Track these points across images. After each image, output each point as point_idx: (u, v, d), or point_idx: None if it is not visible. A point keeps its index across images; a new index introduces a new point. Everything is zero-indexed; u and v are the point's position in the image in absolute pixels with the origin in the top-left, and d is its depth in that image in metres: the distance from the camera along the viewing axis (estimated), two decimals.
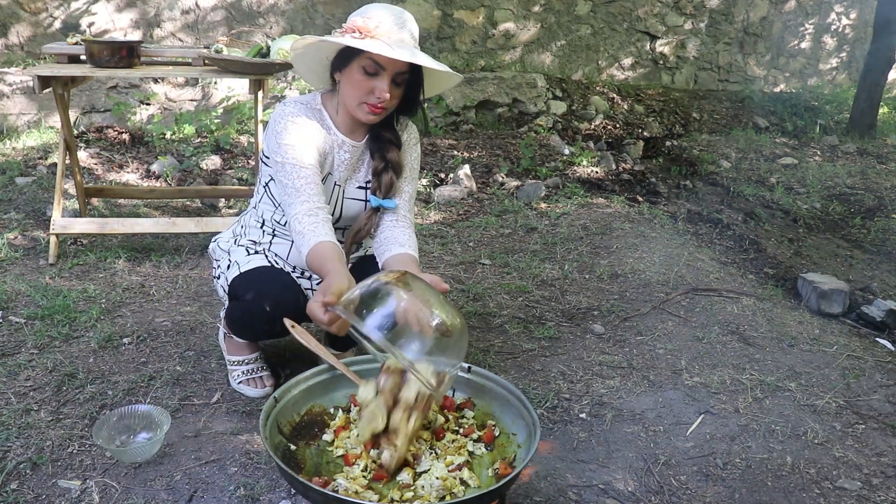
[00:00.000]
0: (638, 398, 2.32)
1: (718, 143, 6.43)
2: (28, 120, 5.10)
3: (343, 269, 1.77)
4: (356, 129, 2.08)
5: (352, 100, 1.95)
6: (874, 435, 2.20)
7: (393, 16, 1.89)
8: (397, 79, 1.92)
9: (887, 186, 5.55)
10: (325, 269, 1.78)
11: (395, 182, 2.10)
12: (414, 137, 2.19)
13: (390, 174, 2.08)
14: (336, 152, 2.07)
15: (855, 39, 8.64)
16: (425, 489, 1.58)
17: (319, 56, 2.01)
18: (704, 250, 3.84)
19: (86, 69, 3.07)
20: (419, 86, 2.01)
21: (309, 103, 2.05)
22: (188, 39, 5.88)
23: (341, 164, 2.08)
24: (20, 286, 2.88)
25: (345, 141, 2.07)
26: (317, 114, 2.04)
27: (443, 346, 1.59)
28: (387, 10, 1.90)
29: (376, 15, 1.88)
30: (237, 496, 1.78)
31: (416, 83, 2.00)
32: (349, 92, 1.95)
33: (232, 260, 2.13)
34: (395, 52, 1.82)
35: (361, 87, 1.92)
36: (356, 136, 2.09)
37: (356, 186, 2.13)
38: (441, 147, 5.47)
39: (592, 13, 7.37)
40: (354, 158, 2.10)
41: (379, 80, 1.90)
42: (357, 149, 2.10)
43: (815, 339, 2.84)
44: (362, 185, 2.14)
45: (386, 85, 1.90)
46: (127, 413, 1.97)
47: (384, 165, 2.08)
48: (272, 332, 2.07)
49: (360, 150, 2.11)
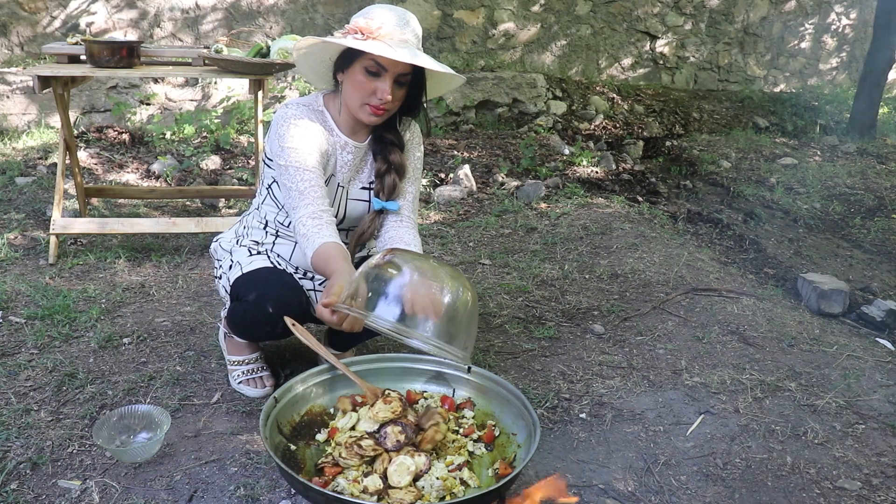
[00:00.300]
0: (638, 398, 2.32)
1: (718, 143, 6.43)
2: (28, 120, 5.10)
3: (347, 268, 1.77)
4: (358, 130, 2.08)
5: (354, 101, 1.95)
6: (874, 435, 2.19)
7: (396, 17, 1.89)
8: (399, 80, 1.92)
9: (887, 186, 5.55)
10: (330, 269, 1.79)
11: (398, 184, 2.11)
12: (417, 138, 2.19)
13: (393, 176, 2.09)
14: (339, 154, 2.07)
15: (855, 39, 8.64)
16: (425, 489, 1.58)
17: (322, 57, 2.01)
18: (704, 250, 3.84)
19: (86, 69, 3.07)
20: (422, 87, 2.01)
21: (311, 104, 2.05)
22: (188, 39, 5.88)
23: (344, 166, 2.08)
24: (20, 286, 2.89)
25: (347, 142, 2.07)
26: (319, 115, 2.04)
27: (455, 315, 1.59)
28: (390, 11, 1.91)
29: (379, 16, 1.88)
30: (237, 496, 1.78)
31: (419, 84, 2.00)
32: (351, 93, 1.95)
33: (234, 260, 2.13)
34: (397, 54, 1.82)
35: (363, 88, 1.92)
36: (358, 137, 2.09)
37: (359, 187, 2.13)
38: (441, 147, 5.48)
39: (592, 13, 7.37)
40: (357, 159, 2.10)
41: (381, 82, 1.90)
42: (360, 150, 2.10)
43: (815, 339, 2.84)
44: (366, 185, 2.14)
45: (388, 86, 1.90)
46: (127, 413, 1.97)
47: (387, 167, 2.08)
48: (273, 333, 2.07)
49: (363, 150, 2.11)
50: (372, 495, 1.56)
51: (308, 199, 1.92)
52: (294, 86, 5.75)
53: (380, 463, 1.64)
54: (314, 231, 1.87)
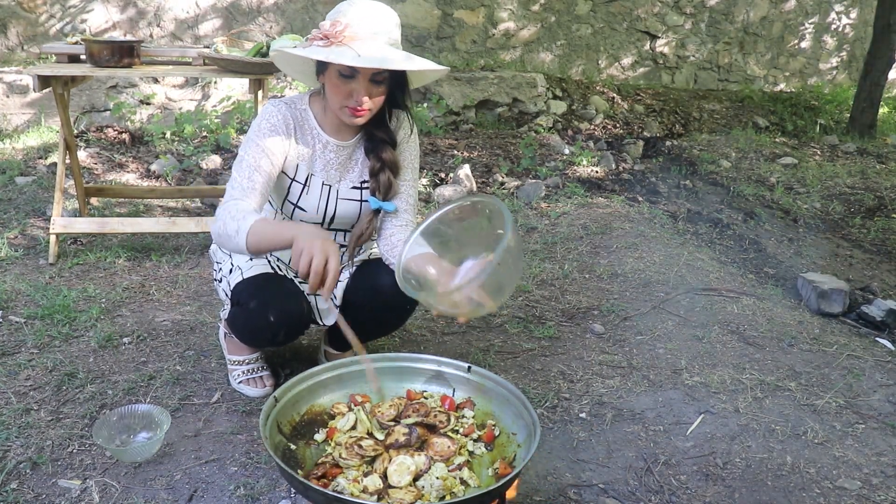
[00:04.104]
0: (638, 398, 2.32)
1: (718, 143, 6.43)
2: (28, 119, 5.10)
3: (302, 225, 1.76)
4: (342, 129, 2.04)
5: (334, 103, 1.91)
6: (874, 435, 2.20)
7: (363, 12, 1.82)
8: (376, 77, 1.86)
9: (887, 186, 5.54)
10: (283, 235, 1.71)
11: (393, 182, 2.06)
12: (410, 131, 2.13)
13: (388, 174, 2.04)
14: (320, 152, 2.04)
15: (855, 39, 8.64)
16: (425, 489, 1.58)
17: (300, 61, 1.98)
18: (704, 250, 3.84)
19: (86, 69, 3.07)
20: (404, 79, 1.96)
21: (294, 104, 2.02)
22: (188, 39, 5.88)
23: (328, 164, 2.05)
24: (20, 286, 2.89)
25: (329, 141, 2.03)
26: (301, 114, 2.01)
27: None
28: (360, 7, 1.83)
29: (347, 14, 1.82)
30: (237, 496, 1.78)
31: (401, 77, 1.94)
32: (331, 96, 1.91)
33: (234, 264, 2.11)
34: (360, 60, 1.75)
35: (340, 90, 1.87)
36: (343, 136, 2.05)
37: (350, 186, 2.09)
38: (441, 147, 5.48)
39: (592, 13, 7.37)
40: (343, 158, 2.07)
41: (356, 83, 1.85)
42: (344, 148, 2.06)
43: (815, 338, 2.84)
44: (357, 185, 2.10)
45: (363, 88, 1.85)
46: (127, 413, 1.97)
47: (380, 165, 2.04)
48: (275, 341, 2.06)
49: (349, 149, 2.07)
50: (372, 495, 1.56)
51: (253, 199, 1.86)
52: (294, 85, 5.75)
53: (380, 463, 1.64)
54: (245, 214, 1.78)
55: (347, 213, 2.10)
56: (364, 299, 2.13)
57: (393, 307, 2.12)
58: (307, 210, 2.05)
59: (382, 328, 2.27)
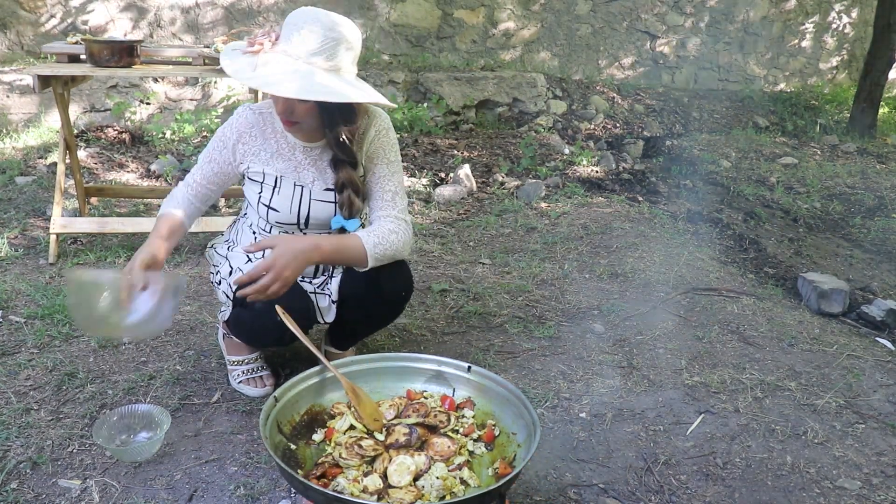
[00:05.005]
0: (638, 398, 2.32)
1: (718, 143, 6.43)
2: (28, 119, 5.10)
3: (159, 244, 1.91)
4: (308, 132, 2.03)
5: (275, 111, 1.94)
6: (874, 434, 2.20)
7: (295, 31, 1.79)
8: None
9: (887, 186, 5.55)
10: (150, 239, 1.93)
11: (354, 200, 2.04)
12: (380, 128, 2.08)
13: (348, 192, 2.03)
14: (288, 154, 2.05)
15: (855, 39, 8.64)
16: (425, 489, 1.58)
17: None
18: (704, 250, 3.84)
19: (86, 68, 3.07)
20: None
21: (263, 109, 2.06)
22: (188, 39, 5.89)
23: (299, 166, 2.06)
24: (20, 286, 2.89)
25: (296, 143, 2.05)
26: (267, 118, 2.04)
27: None
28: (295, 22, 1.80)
29: (284, 27, 1.81)
30: (237, 496, 1.78)
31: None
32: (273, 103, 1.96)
33: (234, 266, 2.11)
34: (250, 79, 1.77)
35: (274, 101, 1.90)
36: (309, 139, 2.04)
37: (324, 188, 2.07)
38: (441, 147, 5.48)
39: (592, 12, 7.38)
40: (313, 160, 2.07)
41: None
42: (312, 150, 2.06)
43: (815, 338, 2.84)
44: (331, 186, 2.08)
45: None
46: (127, 412, 1.98)
47: (341, 184, 2.04)
48: (282, 340, 2.06)
49: (318, 150, 2.06)
50: (372, 495, 1.56)
51: (192, 190, 2.09)
52: None
53: (380, 462, 1.64)
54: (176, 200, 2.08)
55: (322, 215, 2.08)
56: (358, 293, 2.12)
57: (387, 300, 2.13)
58: (280, 211, 2.06)
59: (379, 322, 2.27)
